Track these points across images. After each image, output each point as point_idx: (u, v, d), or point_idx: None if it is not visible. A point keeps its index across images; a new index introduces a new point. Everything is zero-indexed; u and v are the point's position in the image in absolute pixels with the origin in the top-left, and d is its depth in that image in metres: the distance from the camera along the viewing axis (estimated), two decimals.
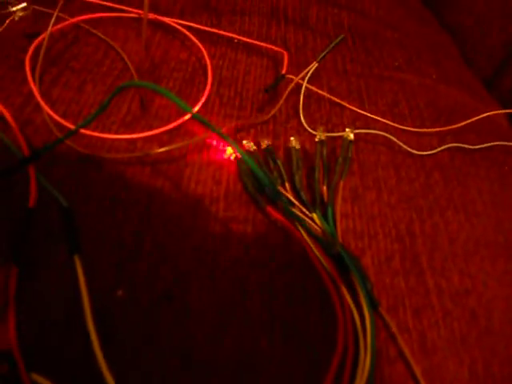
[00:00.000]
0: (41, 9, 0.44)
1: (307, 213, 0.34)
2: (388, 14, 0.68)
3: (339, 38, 0.42)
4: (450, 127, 0.45)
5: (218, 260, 0.30)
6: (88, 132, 0.34)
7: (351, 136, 0.37)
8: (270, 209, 0.33)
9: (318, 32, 0.57)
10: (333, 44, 0.42)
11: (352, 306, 0.30)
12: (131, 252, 0.29)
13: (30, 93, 0.36)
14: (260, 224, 0.33)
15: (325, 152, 0.36)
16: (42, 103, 0.35)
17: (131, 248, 0.29)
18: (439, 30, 0.74)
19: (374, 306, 0.30)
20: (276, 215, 0.32)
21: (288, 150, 0.39)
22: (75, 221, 0.29)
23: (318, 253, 0.32)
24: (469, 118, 0.48)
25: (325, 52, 0.41)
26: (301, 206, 0.34)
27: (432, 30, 0.73)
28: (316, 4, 0.63)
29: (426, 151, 0.43)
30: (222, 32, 0.49)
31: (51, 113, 0.35)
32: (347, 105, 0.45)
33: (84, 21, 0.45)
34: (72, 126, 0.34)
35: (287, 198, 0.34)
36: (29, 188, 0.29)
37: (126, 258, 0.29)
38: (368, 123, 0.45)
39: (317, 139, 0.38)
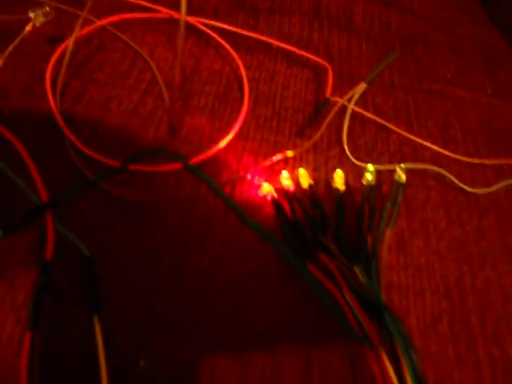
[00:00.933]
0: (65, 8, 0.40)
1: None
2: (439, 13, 0.62)
3: (392, 57, 0.37)
4: (507, 161, 0.41)
5: (251, 325, 0.27)
6: (110, 162, 0.31)
7: (403, 178, 0.33)
8: (309, 264, 0.29)
9: (363, 35, 0.52)
10: (384, 63, 0.37)
11: (394, 380, 0.27)
12: (158, 314, 0.26)
13: (51, 114, 0.33)
14: (298, 280, 0.30)
15: (373, 197, 0.33)
16: (67, 132, 0.32)
17: (158, 309, 0.26)
18: (493, 31, 0.68)
19: None
20: (315, 272, 0.29)
21: (329, 184, 0.35)
22: (97, 274, 0.26)
23: (358, 314, 0.28)
24: None
25: (375, 72, 0.37)
26: (343, 258, 0.31)
27: (486, 31, 0.66)
28: (361, 0, 0.57)
29: (480, 188, 0.39)
30: (259, 36, 0.45)
31: (76, 142, 0.32)
32: (394, 128, 0.41)
33: (111, 23, 0.41)
34: (101, 159, 0.31)
35: (328, 248, 0.31)
36: (46, 239, 0.26)
37: (151, 320, 0.26)
38: (416, 150, 0.40)
39: (364, 182, 0.34)
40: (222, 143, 0.34)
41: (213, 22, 0.44)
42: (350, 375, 0.27)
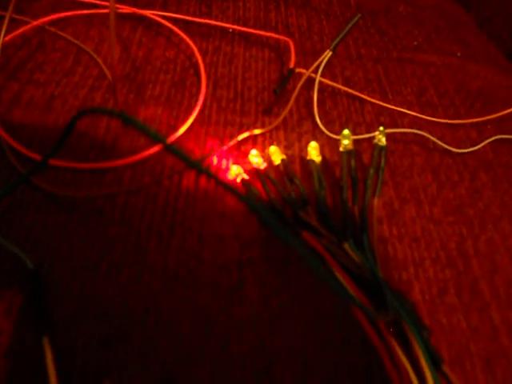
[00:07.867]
0: None
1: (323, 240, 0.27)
2: None
3: (356, 18, 0.35)
4: (489, 117, 0.38)
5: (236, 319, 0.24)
6: (59, 163, 0.28)
7: (383, 140, 0.30)
8: (306, 234, 0.26)
9: (323, 13, 0.49)
10: (348, 26, 0.35)
11: (407, 365, 0.23)
12: (121, 325, 0.22)
13: None
14: (283, 265, 0.26)
15: (353, 164, 0.29)
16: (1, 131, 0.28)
17: (120, 320, 0.23)
18: (452, 0, 0.67)
19: (436, 363, 0.23)
20: (313, 242, 0.26)
21: (304, 161, 0.32)
22: (44, 288, 0.22)
23: (356, 296, 0.25)
24: (506, 100, 0.41)
25: (340, 37, 0.34)
26: (329, 235, 0.27)
27: (446, 1, 0.65)
28: None
29: (466, 148, 0.36)
30: (213, 22, 0.42)
31: (12, 142, 0.28)
32: (367, 97, 0.38)
33: (49, 22, 0.38)
34: (39, 158, 0.28)
35: (312, 226, 0.27)
36: None
37: (113, 333, 0.22)
38: (394, 118, 0.38)
39: (341, 149, 0.31)
40: (182, 130, 0.31)
41: (162, 13, 0.42)
42: (356, 364, 0.24)
